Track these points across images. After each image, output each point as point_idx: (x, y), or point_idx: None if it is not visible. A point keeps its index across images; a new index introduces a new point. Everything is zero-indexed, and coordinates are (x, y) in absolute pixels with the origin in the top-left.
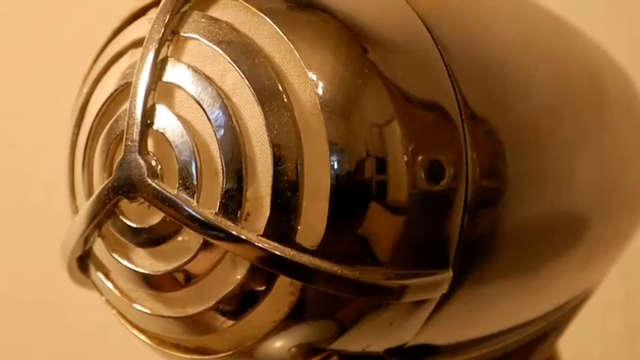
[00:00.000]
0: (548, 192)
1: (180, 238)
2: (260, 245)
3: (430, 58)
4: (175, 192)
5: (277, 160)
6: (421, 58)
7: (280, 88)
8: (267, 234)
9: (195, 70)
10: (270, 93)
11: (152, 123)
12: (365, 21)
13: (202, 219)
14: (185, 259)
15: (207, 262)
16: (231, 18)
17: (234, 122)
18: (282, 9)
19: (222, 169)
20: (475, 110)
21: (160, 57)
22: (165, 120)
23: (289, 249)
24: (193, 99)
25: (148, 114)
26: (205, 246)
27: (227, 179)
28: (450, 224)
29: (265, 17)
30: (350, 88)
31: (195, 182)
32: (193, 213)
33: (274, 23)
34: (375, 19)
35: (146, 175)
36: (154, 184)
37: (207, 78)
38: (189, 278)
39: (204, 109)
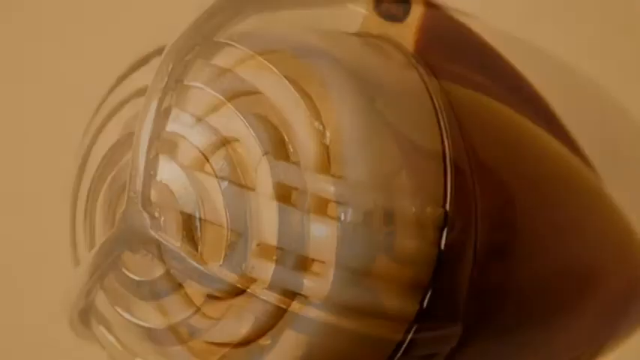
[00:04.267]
0: (559, 244)
1: (183, 291)
2: (266, 298)
3: (438, 108)
4: (179, 244)
5: (283, 212)
6: (429, 107)
7: (286, 138)
8: (273, 287)
9: (199, 119)
10: (276, 143)
11: (155, 174)
12: (372, 70)
13: (206, 272)
14: (189, 313)
15: (212, 316)
16: (236, 66)
17: (239, 173)
18: (288, 57)
19: (227, 220)
20: (484, 161)
21: (164, 106)
22: (168, 171)
23: (295, 302)
24: (197, 149)
25: (151, 165)
26: (209, 299)
27: (232, 231)
28: (459, 277)
29: (270, 66)
30: (357, 138)
31: (199, 234)
32: (197, 266)
33: (279, 72)
34: (382, 68)
35: (149, 227)
36: (157, 237)
37: (212, 128)
38: (193, 332)
39: (208, 160)
